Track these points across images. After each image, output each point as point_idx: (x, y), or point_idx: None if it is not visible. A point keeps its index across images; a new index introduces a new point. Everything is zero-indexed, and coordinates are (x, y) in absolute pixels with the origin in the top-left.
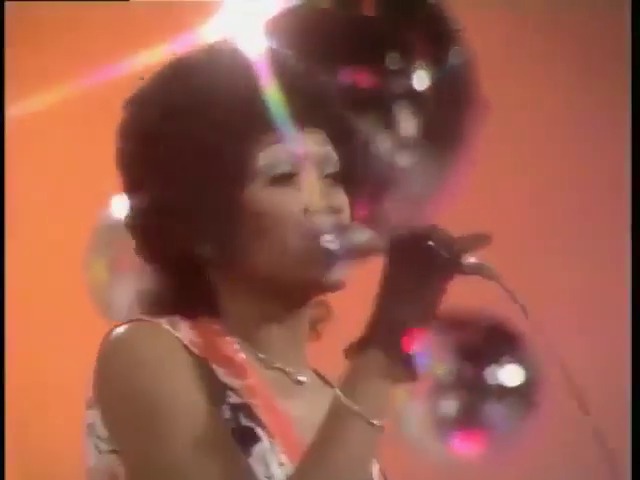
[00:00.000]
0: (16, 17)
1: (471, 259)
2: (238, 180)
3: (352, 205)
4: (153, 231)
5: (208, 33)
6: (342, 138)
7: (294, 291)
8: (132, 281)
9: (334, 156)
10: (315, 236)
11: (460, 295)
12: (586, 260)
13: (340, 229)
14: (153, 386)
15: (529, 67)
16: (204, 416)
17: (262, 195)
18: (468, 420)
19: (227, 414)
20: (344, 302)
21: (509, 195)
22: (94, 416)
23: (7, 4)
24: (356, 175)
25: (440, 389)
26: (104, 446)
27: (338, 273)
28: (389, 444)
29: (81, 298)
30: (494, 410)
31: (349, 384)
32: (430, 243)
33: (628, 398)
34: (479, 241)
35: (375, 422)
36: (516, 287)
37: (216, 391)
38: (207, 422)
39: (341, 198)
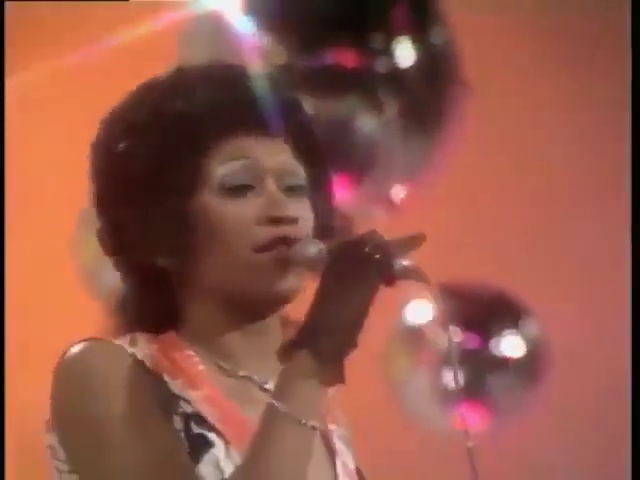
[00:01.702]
0: (16, 17)
1: (404, 262)
2: (187, 191)
3: (320, 216)
4: (117, 244)
5: (190, 9)
6: (310, 149)
7: (249, 302)
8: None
9: (297, 167)
10: (263, 248)
11: (464, 267)
12: (586, 260)
13: (292, 241)
14: (102, 407)
15: (529, 68)
16: (153, 432)
17: (214, 206)
18: (471, 391)
19: (178, 424)
20: None
21: (511, 196)
22: (53, 438)
23: (7, 4)
24: (324, 186)
25: (442, 361)
26: (64, 467)
27: (290, 284)
28: (391, 418)
29: (82, 297)
30: (497, 381)
31: (280, 387)
32: (366, 250)
33: (628, 398)
34: (412, 243)
35: (305, 422)
36: (517, 289)
37: (167, 403)
38: (156, 437)
39: (299, 210)
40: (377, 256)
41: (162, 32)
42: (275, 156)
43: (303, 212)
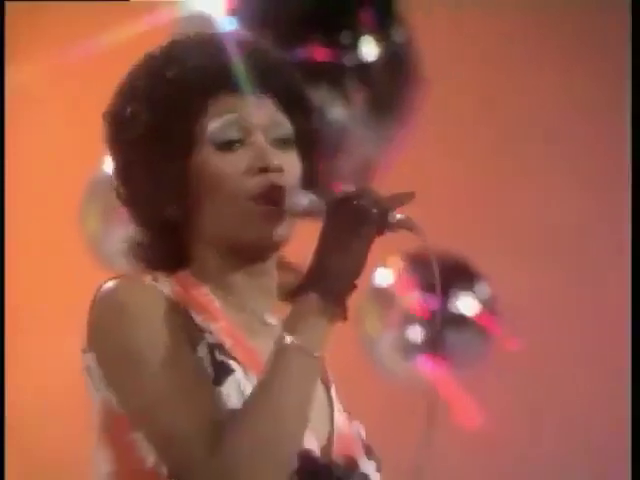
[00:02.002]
0: (16, 17)
1: (397, 215)
2: (185, 149)
3: (308, 167)
4: (131, 199)
5: (180, 10)
6: (295, 104)
7: (246, 247)
8: (125, 230)
9: (283, 121)
10: (256, 196)
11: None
12: (586, 262)
13: (281, 189)
14: (136, 332)
15: (528, 68)
16: (180, 355)
17: (210, 161)
18: (432, 345)
19: (204, 352)
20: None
21: (515, 199)
22: (90, 359)
23: (7, 4)
24: (310, 139)
25: (407, 319)
26: (101, 384)
27: (281, 232)
28: (363, 368)
29: (84, 292)
30: (455, 337)
31: (290, 322)
32: (362, 202)
33: (628, 400)
34: (403, 198)
35: (313, 353)
36: (518, 292)
37: (193, 333)
38: (183, 361)
39: (285, 160)
40: (374, 210)
41: (158, 31)
42: (261, 111)
43: (290, 162)
